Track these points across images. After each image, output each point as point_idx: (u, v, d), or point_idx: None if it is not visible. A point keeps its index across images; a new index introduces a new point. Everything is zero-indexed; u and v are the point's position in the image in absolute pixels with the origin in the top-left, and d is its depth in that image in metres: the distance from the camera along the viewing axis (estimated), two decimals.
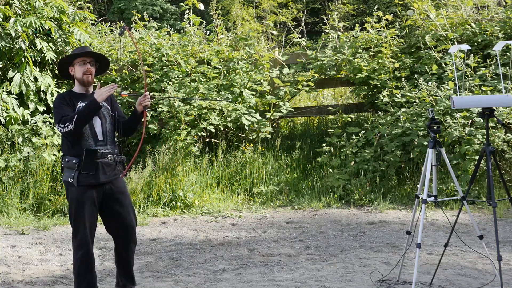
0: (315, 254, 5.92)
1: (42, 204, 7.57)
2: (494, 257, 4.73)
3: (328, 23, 9.97)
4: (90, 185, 4.34)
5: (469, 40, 8.90)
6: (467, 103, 5.06)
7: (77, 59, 4.42)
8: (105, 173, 4.39)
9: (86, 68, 4.40)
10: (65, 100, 4.38)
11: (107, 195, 4.44)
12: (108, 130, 4.46)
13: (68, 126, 4.23)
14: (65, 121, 4.24)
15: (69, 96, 4.42)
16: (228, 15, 20.32)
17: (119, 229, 4.54)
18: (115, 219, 4.51)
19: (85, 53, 4.43)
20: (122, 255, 4.59)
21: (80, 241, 4.33)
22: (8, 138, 8.05)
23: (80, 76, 4.42)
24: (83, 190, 4.33)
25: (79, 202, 4.33)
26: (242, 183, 8.31)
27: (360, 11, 21.81)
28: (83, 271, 4.35)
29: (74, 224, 4.36)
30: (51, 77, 8.73)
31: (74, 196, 4.34)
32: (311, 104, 11.09)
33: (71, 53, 4.50)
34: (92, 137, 4.37)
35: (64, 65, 4.51)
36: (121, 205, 4.50)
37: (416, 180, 7.97)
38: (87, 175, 4.32)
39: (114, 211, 4.49)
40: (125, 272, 4.63)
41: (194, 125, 8.54)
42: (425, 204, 4.61)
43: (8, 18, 8.38)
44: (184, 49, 9.42)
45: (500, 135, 7.72)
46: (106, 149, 4.41)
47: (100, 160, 4.36)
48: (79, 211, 4.33)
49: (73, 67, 4.46)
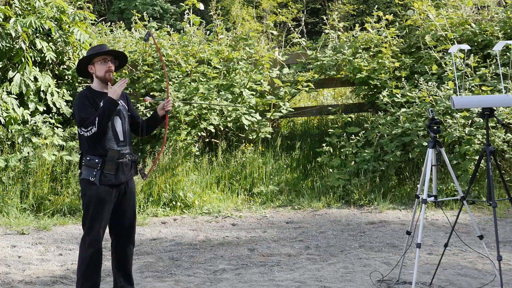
0: (315, 254, 5.92)
1: (42, 204, 7.58)
2: (494, 257, 4.73)
3: (328, 23, 9.97)
4: (110, 185, 4.37)
5: (469, 40, 8.90)
6: (467, 103, 5.06)
7: (98, 58, 4.44)
8: (124, 173, 4.44)
9: (107, 67, 4.43)
10: (87, 99, 4.36)
11: (121, 194, 4.49)
12: (127, 130, 4.51)
13: (91, 129, 4.23)
14: (87, 125, 4.24)
15: (91, 95, 4.41)
16: (228, 15, 20.33)
17: (121, 228, 4.56)
18: (120, 218, 4.53)
19: (106, 52, 4.45)
20: (120, 256, 4.59)
21: (93, 239, 4.33)
22: (8, 138, 8.05)
23: (102, 74, 4.44)
24: (104, 189, 4.35)
25: (100, 200, 4.34)
26: (242, 183, 8.32)
27: (360, 11, 21.82)
28: (91, 270, 4.34)
29: (90, 222, 4.35)
30: (51, 77, 8.73)
31: (94, 194, 4.33)
32: (311, 104, 11.09)
33: (90, 53, 4.49)
34: (114, 138, 4.40)
35: (83, 64, 4.51)
36: (128, 205, 4.54)
37: (416, 180, 7.98)
38: (109, 175, 4.35)
39: (121, 210, 4.51)
40: (124, 274, 4.62)
41: (194, 125, 8.54)
42: (425, 204, 4.61)
43: (8, 18, 8.38)
44: (184, 49, 9.42)
45: (500, 135, 7.72)
46: (126, 149, 4.46)
47: (121, 160, 4.40)
48: (98, 209, 4.34)
49: (92, 66, 4.47)
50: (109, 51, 4.48)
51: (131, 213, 4.57)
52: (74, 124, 8.71)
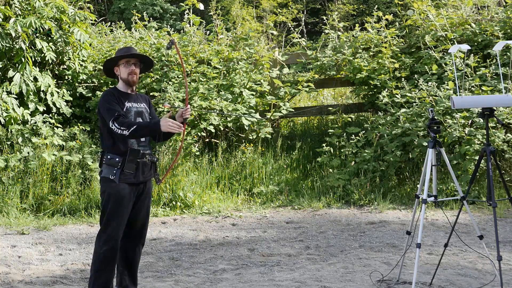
0: (315, 254, 5.92)
1: (42, 204, 7.58)
2: (494, 257, 4.73)
3: (328, 23, 9.97)
4: (129, 183, 4.42)
5: (469, 40, 8.90)
6: (467, 103, 5.06)
7: (122, 60, 4.50)
8: (143, 173, 4.49)
9: (131, 69, 4.48)
10: (114, 97, 4.44)
11: (139, 194, 4.53)
12: None
13: (124, 131, 4.28)
14: (122, 123, 4.29)
15: (117, 94, 4.49)
16: (228, 15, 20.32)
17: (133, 227, 4.58)
18: (134, 217, 4.56)
19: (130, 55, 4.51)
20: (129, 255, 4.61)
21: (109, 235, 4.37)
22: (8, 138, 8.05)
23: (125, 76, 4.50)
24: (123, 187, 4.40)
25: (118, 198, 4.38)
26: (242, 183, 8.32)
27: (360, 11, 21.82)
28: (104, 267, 4.38)
29: (107, 218, 4.40)
30: (51, 77, 8.73)
31: (113, 192, 4.38)
32: (311, 104, 11.09)
33: (116, 55, 4.58)
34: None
35: (109, 65, 4.59)
36: (143, 205, 4.58)
37: (416, 180, 7.98)
38: (128, 174, 4.40)
39: (136, 209, 4.55)
40: (130, 274, 4.65)
41: (194, 125, 8.54)
42: (425, 204, 4.61)
43: (8, 18, 8.37)
44: (184, 49, 9.42)
45: (500, 135, 7.72)
46: (146, 150, 4.51)
47: (141, 160, 4.45)
48: (117, 206, 4.39)
49: (118, 67, 4.54)
50: (132, 54, 4.53)
51: (145, 213, 4.61)
52: (74, 124, 8.71)
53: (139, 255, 4.68)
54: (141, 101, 4.59)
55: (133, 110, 4.48)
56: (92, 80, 9.24)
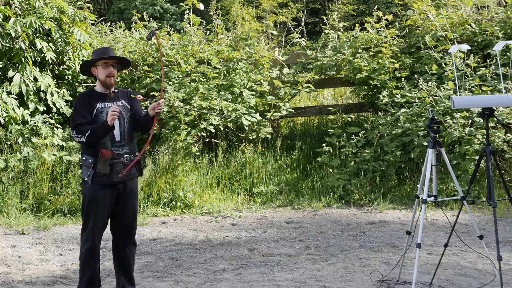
0: (315, 254, 5.92)
1: (42, 204, 7.58)
2: (494, 257, 4.73)
3: (328, 23, 9.97)
4: (103, 184, 4.45)
5: (469, 40, 8.90)
6: (467, 103, 5.07)
7: (100, 61, 4.51)
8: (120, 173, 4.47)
9: (109, 71, 4.51)
10: (84, 102, 4.47)
11: (119, 194, 4.54)
12: (126, 130, 4.54)
13: (81, 138, 4.37)
14: (79, 131, 4.37)
15: (89, 97, 4.51)
16: (228, 15, 20.32)
17: (120, 228, 4.63)
18: (119, 218, 4.60)
19: (107, 57, 4.51)
20: (121, 255, 4.66)
21: (87, 235, 4.50)
22: (8, 138, 8.05)
23: (103, 78, 4.52)
24: (97, 189, 4.45)
25: (92, 199, 4.47)
26: (242, 183, 8.31)
27: (360, 11, 21.80)
28: (86, 265, 4.52)
29: (84, 219, 4.53)
30: (51, 77, 8.73)
31: (87, 193, 4.49)
32: (311, 104, 11.09)
33: (93, 56, 4.58)
34: (110, 138, 4.46)
35: (86, 66, 4.61)
36: (127, 205, 4.59)
37: (416, 180, 7.97)
38: (102, 175, 4.43)
39: (119, 210, 4.58)
40: (125, 274, 4.68)
41: (194, 125, 8.54)
42: (425, 204, 4.62)
43: (8, 18, 8.37)
44: (184, 49, 9.42)
45: (500, 135, 7.72)
46: (122, 150, 4.50)
47: (116, 160, 4.45)
48: (91, 208, 4.48)
49: (95, 68, 4.56)
50: (110, 57, 4.52)
51: (130, 213, 4.62)
52: None
53: (132, 255, 4.69)
54: (119, 99, 4.57)
55: (106, 110, 4.46)
56: (92, 80, 9.24)
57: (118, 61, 4.60)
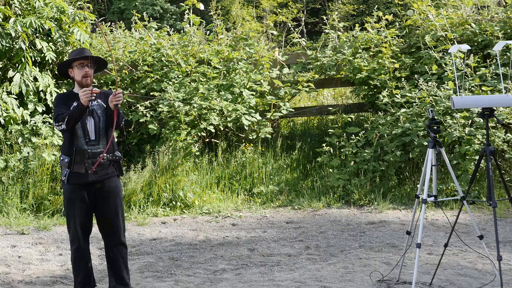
0: (315, 254, 5.92)
1: (42, 204, 7.58)
2: (494, 257, 4.73)
3: (328, 23, 9.96)
4: (80, 184, 4.45)
5: (469, 40, 8.90)
6: (467, 103, 5.06)
7: (76, 62, 4.51)
8: (96, 173, 4.46)
9: (84, 71, 4.51)
10: (61, 100, 4.54)
11: (97, 194, 4.52)
12: (102, 129, 4.52)
13: (61, 125, 4.39)
14: (59, 120, 4.40)
15: (66, 97, 4.57)
16: (228, 15, 20.32)
17: (105, 229, 4.61)
18: (102, 218, 4.59)
19: (82, 58, 4.51)
20: (109, 256, 4.61)
21: (72, 236, 4.53)
22: (8, 139, 8.05)
23: (79, 79, 4.52)
24: (73, 189, 4.47)
25: (69, 200, 4.50)
26: (242, 183, 8.31)
27: (360, 11, 21.80)
28: (78, 265, 4.54)
29: (67, 220, 4.57)
30: (51, 77, 8.72)
31: (65, 194, 4.52)
32: (311, 104, 11.09)
33: (68, 57, 4.59)
34: (84, 137, 4.46)
35: (63, 68, 4.62)
36: (108, 205, 4.54)
37: (416, 180, 7.97)
38: (77, 174, 4.44)
39: (101, 211, 4.56)
40: (115, 274, 4.61)
41: (194, 125, 8.54)
42: (425, 204, 4.61)
43: (8, 18, 8.37)
44: (184, 49, 9.42)
45: (500, 135, 7.72)
46: (97, 149, 4.48)
47: (91, 159, 4.43)
48: (69, 208, 4.50)
49: (72, 70, 4.56)
50: (84, 57, 4.51)
51: (112, 213, 4.55)
52: None
53: (120, 256, 4.59)
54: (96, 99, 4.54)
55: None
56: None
57: (94, 62, 4.58)
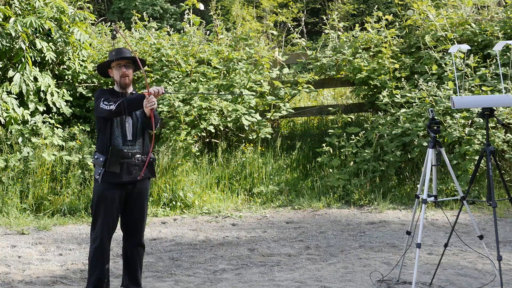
0: (315, 254, 5.92)
1: (42, 204, 7.58)
2: (494, 257, 4.73)
3: (328, 23, 9.96)
4: (113, 183, 4.45)
5: (469, 40, 8.90)
6: (467, 103, 5.07)
7: (114, 63, 4.55)
8: (130, 173, 4.49)
9: (122, 72, 4.54)
10: (106, 92, 4.55)
11: (128, 195, 4.55)
12: (139, 130, 4.55)
13: (111, 105, 4.34)
14: (109, 101, 4.37)
15: (109, 91, 4.59)
16: (228, 15, 20.30)
17: (128, 228, 4.63)
18: (127, 218, 4.61)
19: (119, 58, 4.54)
20: (127, 255, 4.67)
21: (96, 234, 4.50)
22: (8, 138, 8.05)
23: (117, 78, 4.57)
24: (106, 187, 4.46)
25: (100, 198, 4.48)
26: (242, 183, 8.31)
27: (360, 11, 21.79)
28: (95, 263, 4.51)
29: (93, 217, 4.54)
30: (51, 77, 8.72)
31: (97, 192, 4.50)
32: (311, 104, 11.09)
33: (109, 58, 4.62)
34: (121, 136, 4.48)
35: (103, 69, 4.67)
36: (135, 206, 4.59)
37: (416, 180, 7.97)
38: (112, 174, 4.44)
39: (128, 211, 4.59)
40: (130, 273, 4.69)
41: (194, 125, 8.54)
42: (425, 204, 4.62)
43: (8, 18, 8.37)
44: (184, 49, 9.41)
45: (500, 135, 7.72)
46: (134, 149, 4.51)
47: (126, 160, 4.46)
48: (99, 206, 4.49)
49: (111, 70, 4.60)
50: (121, 58, 4.55)
51: (138, 215, 4.61)
52: (73, 124, 8.70)
53: (138, 256, 4.68)
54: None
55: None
56: (92, 80, 9.24)
57: (132, 62, 4.62)
